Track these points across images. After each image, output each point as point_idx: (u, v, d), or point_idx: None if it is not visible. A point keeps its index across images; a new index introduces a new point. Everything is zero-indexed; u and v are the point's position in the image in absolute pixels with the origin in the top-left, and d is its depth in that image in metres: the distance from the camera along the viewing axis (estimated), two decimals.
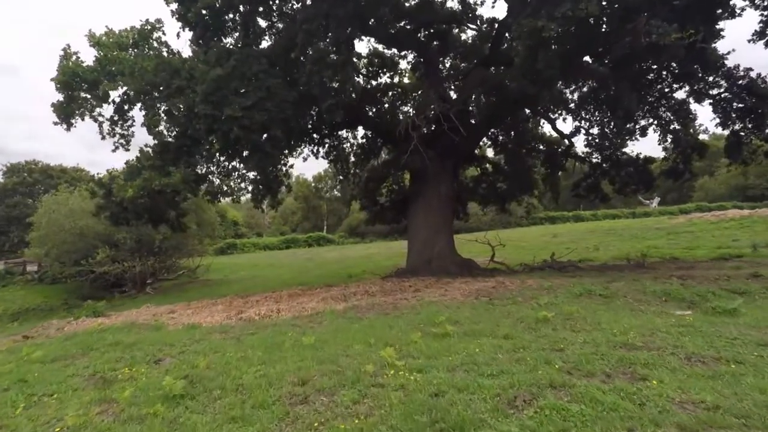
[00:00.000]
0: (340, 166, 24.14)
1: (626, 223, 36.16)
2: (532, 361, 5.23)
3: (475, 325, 7.35)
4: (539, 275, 14.08)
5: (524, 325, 7.13)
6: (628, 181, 19.74)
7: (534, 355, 5.43)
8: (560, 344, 5.87)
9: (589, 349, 5.60)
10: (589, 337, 6.12)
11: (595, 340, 5.97)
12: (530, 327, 7.00)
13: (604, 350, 5.50)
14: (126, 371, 5.93)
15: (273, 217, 66.07)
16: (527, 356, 5.43)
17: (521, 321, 7.46)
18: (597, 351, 5.47)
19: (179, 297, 23.93)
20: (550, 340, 6.10)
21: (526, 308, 8.51)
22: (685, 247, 23.21)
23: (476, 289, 11.41)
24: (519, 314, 7.98)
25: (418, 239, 18.14)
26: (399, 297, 11.48)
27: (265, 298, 14.38)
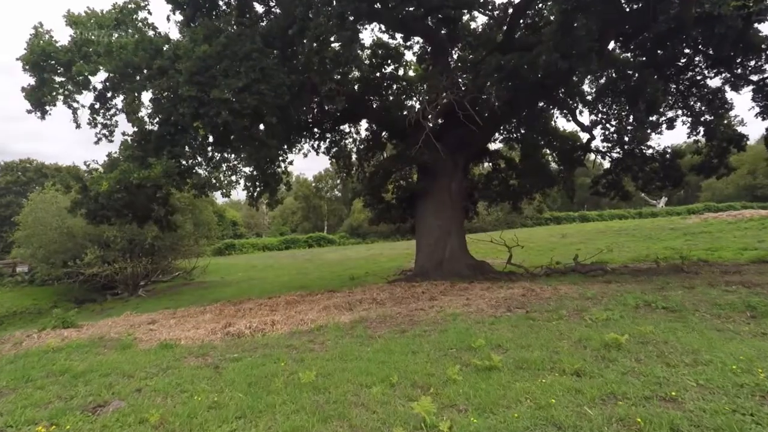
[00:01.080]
0: (342, 162, 22.32)
1: (636, 223, 34.35)
2: (644, 424, 3.37)
3: (525, 351, 5.48)
4: (568, 280, 12.22)
5: (593, 354, 5.26)
6: (652, 178, 17.90)
7: (642, 413, 3.55)
8: (667, 389, 4.00)
9: (718, 399, 3.74)
10: (701, 377, 4.26)
11: (714, 382, 4.11)
12: (602, 356, 5.13)
13: (743, 402, 3.64)
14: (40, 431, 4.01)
15: (273, 218, 64.14)
16: (631, 412, 3.57)
17: (584, 346, 5.60)
18: (733, 404, 3.62)
19: (172, 301, 22.11)
20: (645, 381, 4.24)
21: (580, 326, 6.64)
22: (707, 249, 21.35)
23: (503, 298, 9.55)
24: (575, 335, 6.11)
25: (427, 240, 16.29)
26: (414, 307, 9.62)
27: (260, 306, 12.50)
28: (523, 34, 18.00)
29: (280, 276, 27.19)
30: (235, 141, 12.44)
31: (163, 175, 10.79)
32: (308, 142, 21.20)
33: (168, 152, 11.64)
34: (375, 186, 16.65)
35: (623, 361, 4.90)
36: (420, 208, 16.86)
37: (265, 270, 31.56)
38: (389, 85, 19.09)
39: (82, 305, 26.14)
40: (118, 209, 12.71)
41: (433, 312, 8.80)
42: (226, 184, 12.42)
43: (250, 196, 19.52)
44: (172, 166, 10.99)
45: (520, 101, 15.50)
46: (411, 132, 17.61)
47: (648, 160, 17.68)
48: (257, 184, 19.69)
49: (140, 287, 26.60)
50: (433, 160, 16.75)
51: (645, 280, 11.46)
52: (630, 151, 18.15)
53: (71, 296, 27.93)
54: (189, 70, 11.20)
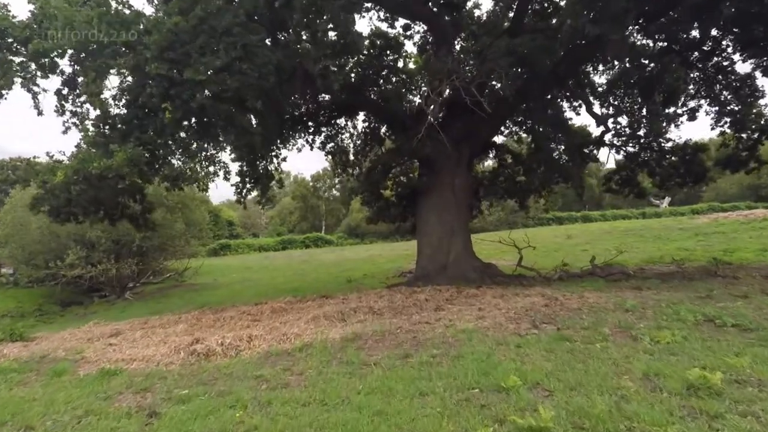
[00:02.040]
0: (338, 159, 20.68)
1: (643, 224, 32.72)
2: None
3: (578, 396, 3.82)
4: (591, 286, 10.55)
5: (679, 403, 3.58)
6: (671, 173, 16.26)
7: None
8: None
9: None
10: None
11: None
12: (696, 409, 3.47)
13: None
14: None
15: (270, 218, 62.29)
16: None
17: (659, 387, 3.93)
18: None
19: (159, 304, 20.48)
20: None
21: (637, 352, 4.96)
22: (723, 250, 19.71)
23: (523, 309, 7.89)
24: (638, 367, 4.44)
25: (430, 240, 14.62)
26: (417, 319, 7.96)
27: (242, 315, 10.83)
28: (532, 21, 16.39)
29: (275, 278, 25.53)
30: (214, 128, 10.75)
31: (126, 164, 9.09)
32: (302, 136, 19.59)
33: (136, 139, 9.94)
34: (373, 182, 14.97)
35: (734, 420, 3.24)
36: (421, 206, 15.20)
37: (259, 271, 29.89)
38: (388, 75, 17.41)
39: (68, 308, 24.47)
40: (85, 205, 11.03)
41: (441, 327, 7.13)
42: (202, 176, 10.69)
43: (239, 193, 17.96)
44: (139, 155, 9.29)
45: (531, 90, 13.84)
46: (411, 124, 15.94)
47: (667, 155, 16.04)
48: (247, 181, 18.14)
49: (128, 289, 24.91)
50: (436, 154, 15.12)
51: (680, 285, 9.81)
52: (647, 145, 16.52)
53: (57, 299, 26.23)
54: (158, 45, 9.51)
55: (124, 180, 9.16)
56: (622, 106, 17.30)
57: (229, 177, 12.62)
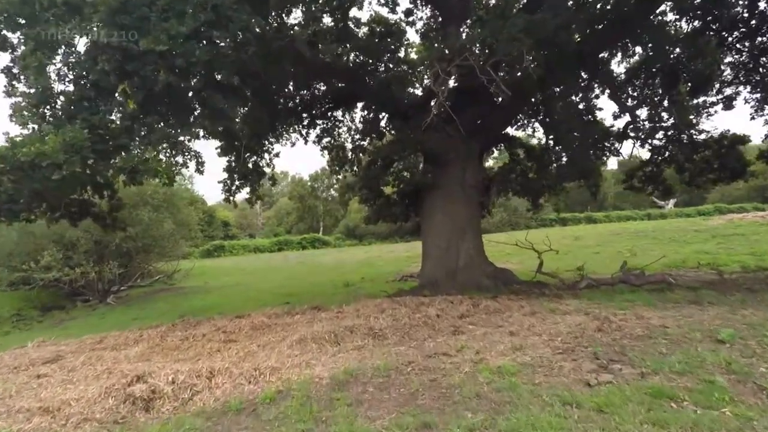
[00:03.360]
0: (334, 154, 18.69)
1: (654, 225, 30.78)
2: None
3: None
4: (637, 298, 8.51)
5: None
6: (703, 169, 14.27)
7: None
8: None
9: None
10: None
11: None
12: None
13: None
14: None
15: (267, 218, 59.95)
16: None
17: None
18: None
19: (141, 310, 18.47)
20: None
21: None
22: (749, 253, 17.83)
23: (569, 334, 5.88)
24: None
25: (437, 242, 12.60)
26: (431, 348, 5.93)
27: (216, 331, 8.76)
28: None
29: (268, 281, 23.46)
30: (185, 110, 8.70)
31: (63, 151, 7.04)
32: (296, 130, 17.61)
33: (83, 121, 7.88)
34: (373, 177, 12.94)
35: None
36: (427, 204, 13.18)
37: (252, 274, 27.79)
38: (389, 61, 15.37)
39: (48, 313, 22.30)
40: (28, 201, 8.97)
41: (467, 362, 5.10)
42: (165, 168, 8.60)
43: (227, 190, 15.98)
44: (81, 139, 7.23)
45: (552, 75, 11.80)
46: (414, 113, 13.95)
47: (699, 148, 14.06)
48: (235, 177, 16.17)
49: (111, 293, 22.78)
50: (443, 146, 13.13)
51: (750, 299, 7.81)
52: (675, 138, 14.54)
53: (38, 303, 24.10)
54: (108, 6, 7.47)
55: (60, 169, 7.10)
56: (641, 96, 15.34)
57: (202, 169, 10.56)
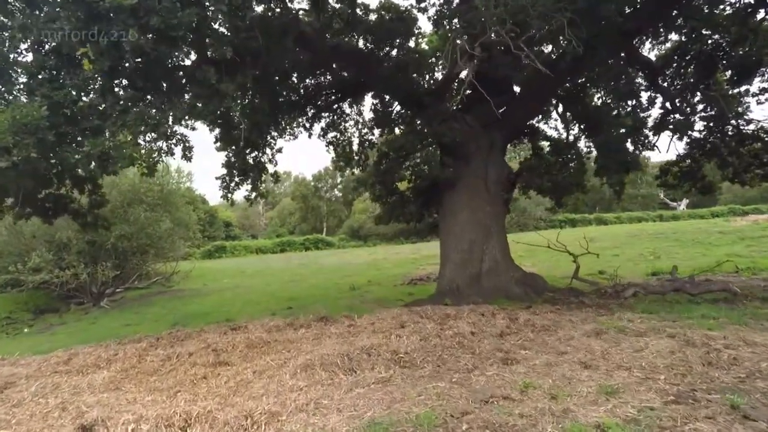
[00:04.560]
0: (340, 150, 17.15)
1: (673, 227, 29.11)
2: None
3: None
4: (715, 312, 6.92)
5: None
6: (750, 164, 12.66)
7: None
8: None
9: None
10: None
11: None
12: None
13: None
14: None
15: (270, 218, 58.17)
16: None
17: None
18: None
19: (136, 315, 16.94)
20: None
21: None
22: None
23: (666, 368, 4.31)
24: None
25: (458, 244, 11.00)
26: (481, 384, 4.34)
27: (205, 350, 7.16)
28: None
29: (270, 284, 21.86)
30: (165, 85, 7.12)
31: (12, 132, 5.48)
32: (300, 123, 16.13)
33: (43, 97, 6.31)
34: (387, 171, 11.34)
35: None
36: (447, 202, 11.59)
37: (253, 276, 26.21)
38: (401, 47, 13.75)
39: (41, 316, 20.78)
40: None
41: (544, 416, 3.52)
42: (145, 155, 6.97)
43: (225, 187, 14.51)
44: (36, 118, 5.67)
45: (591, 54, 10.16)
46: (431, 102, 12.38)
47: (747, 140, 12.45)
48: (234, 173, 14.69)
49: (106, 296, 21.21)
50: (464, 138, 11.54)
51: None
52: (719, 129, 12.94)
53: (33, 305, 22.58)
54: None
55: (9, 155, 5.54)
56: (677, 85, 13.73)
57: (190, 155, 8.98)
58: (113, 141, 6.13)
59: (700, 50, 12.76)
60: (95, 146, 6.24)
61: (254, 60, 9.12)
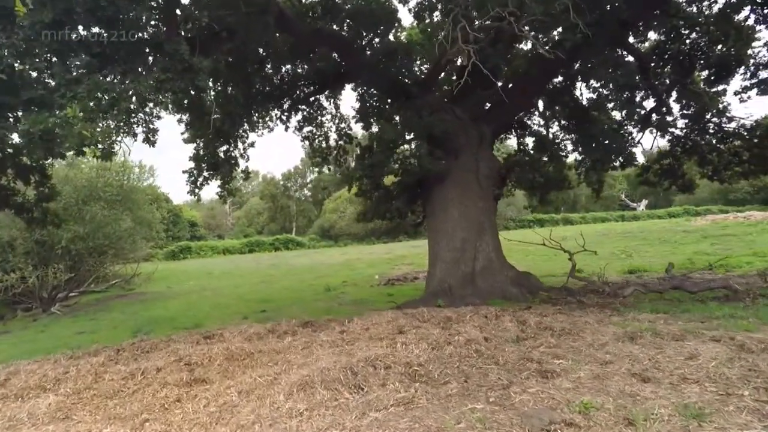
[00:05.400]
0: (317, 145, 16.15)
1: (639, 226, 29.67)
2: None
3: None
4: (729, 311, 6.44)
5: None
6: (730, 162, 12.59)
7: None
8: None
9: None
10: None
11: None
12: None
13: None
14: None
15: (237, 218, 55.71)
16: None
17: None
18: None
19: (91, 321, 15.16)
20: None
21: None
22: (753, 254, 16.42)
23: (738, 378, 3.67)
24: None
25: (450, 242, 10.21)
26: (530, 405, 3.52)
27: (177, 365, 6.02)
28: None
29: (239, 285, 20.42)
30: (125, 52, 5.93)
31: None
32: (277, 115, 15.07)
33: None
34: (376, 164, 10.41)
35: None
36: (437, 198, 10.80)
37: (222, 277, 24.63)
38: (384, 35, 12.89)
39: None
40: None
41: None
42: (100, 135, 5.72)
43: (193, 182, 13.27)
44: None
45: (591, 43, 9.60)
46: (419, 92, 11.60)
47: (728, 138, 12.36)
48: (203, 167, 13.49)
49: (58, 301, 19.19)
50: (454, 131, 10.82)
51: None
52: (700, 127, 12.81)
53: None
54: None
55: None
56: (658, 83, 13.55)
57: (154, 140, 7.76)
58: (59, 118, 4.92)
59: (679, 49, 12.59)
60: (36, 123, 5.01)
61: (231, 36, 8.04)
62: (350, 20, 12.02)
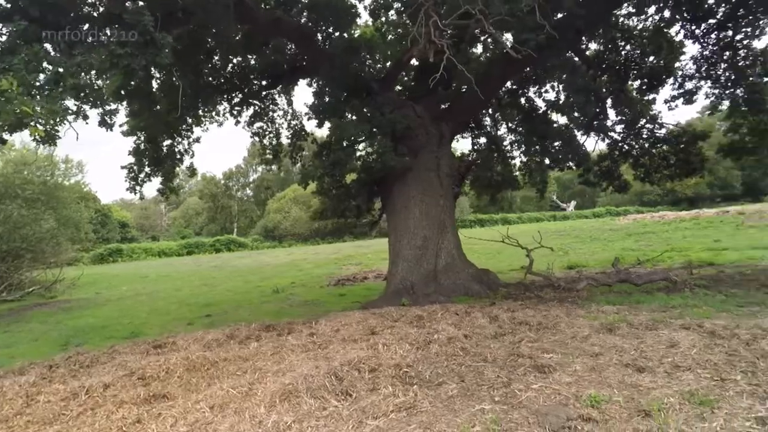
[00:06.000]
0: (268, 141, 15.47)
1: (570, 225, 31.39)
2: None
3: None
4: (684, 301, 6.79)
5: None
6: (659, 165, 13.55)
7: None
8: None
9: None
10: None
11: None
12: None
13: None
14: None
15: (173, 219, 52.07)
16: None
17: None
18: None
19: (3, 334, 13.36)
20: None
21: None
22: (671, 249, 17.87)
23: (727, 365, 3.72)
24: None
25: (411, 240, 10.02)
26: (540, 402, 3.35)
27: (128, 377, 5.26)
28: None
29: (179, 289, 18.92)
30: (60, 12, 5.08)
31: None
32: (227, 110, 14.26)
33: None
34: (337, 162, 9.98)
35: None
36: (398, 196, 10.57)
37: (159, 281, 22.77)
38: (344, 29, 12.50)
39: None
40: None
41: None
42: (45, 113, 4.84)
43: (133, 178, 12.15)
44: None
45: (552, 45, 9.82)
46: (380, 89, 11.36)
47: (659, 143, 13.28)
48: (145, 162, 12.42)
49: None
50: (415, 126, 10.68)
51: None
52: (634, 132, 13.67)
53: None
54: None
55: None
56: None
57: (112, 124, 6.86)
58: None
59: (615, 59, 13.38)
60: None
61: (187, 18, 7.29)
62: (308, 11, 11.53)
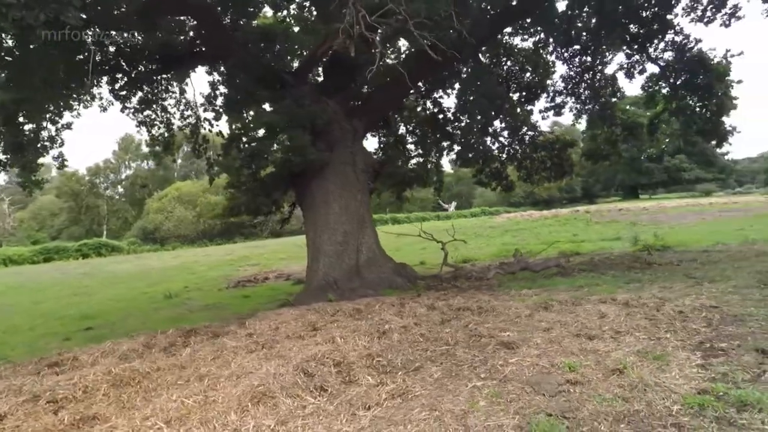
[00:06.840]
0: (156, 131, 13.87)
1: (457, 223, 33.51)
2: None
3: None
4: (585, 282, 7.77)
5: None
6: (538, 167, 15.37)
7: None
8: None
9: None
10: None
11: None
12: None
13: None
14: None
15: (21, 221, 42.63)
16: None
17: None
18: None
19: None
20: None
21: None
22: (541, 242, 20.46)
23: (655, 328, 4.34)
24: None
25: (332, 236, 9.80)
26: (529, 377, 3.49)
27: (31, 403, 4.21)
28: None
29: (40, 301, 15.60)
30: None
31: None
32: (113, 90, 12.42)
33: None
34: (256, 155, 9.27)
35: None
36: (317, 191, 10.25)
37: (9, 294, 18.64)
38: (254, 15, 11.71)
39: None
40: None
41: (646, 392, 2.97)
42: None
43: None
44: None
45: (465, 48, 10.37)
46: (295, 82, 10.90)
47: (537, 149, 15.05)
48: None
49: None
50: (331, 121, 10.50)
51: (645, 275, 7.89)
52: (518, 138, 15.29)
53: None
54: None
55: None
56: None
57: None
58: None
59: (498, 73, 14.84)
60: None
61: None
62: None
